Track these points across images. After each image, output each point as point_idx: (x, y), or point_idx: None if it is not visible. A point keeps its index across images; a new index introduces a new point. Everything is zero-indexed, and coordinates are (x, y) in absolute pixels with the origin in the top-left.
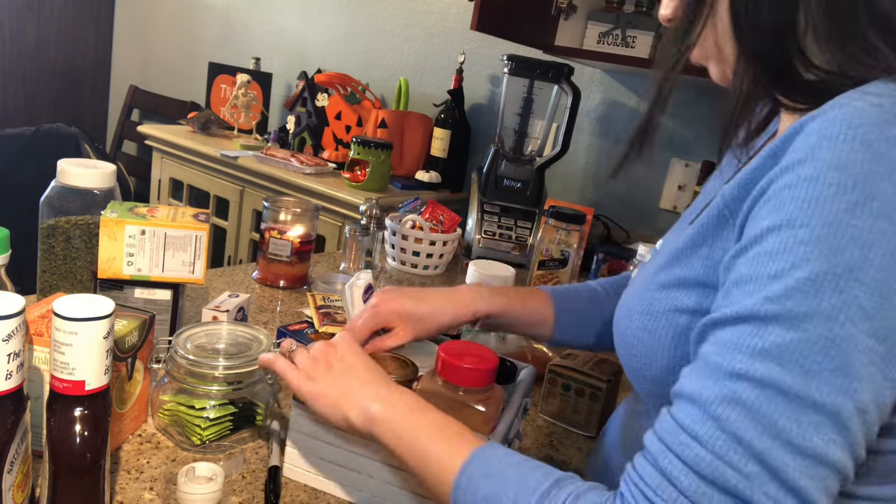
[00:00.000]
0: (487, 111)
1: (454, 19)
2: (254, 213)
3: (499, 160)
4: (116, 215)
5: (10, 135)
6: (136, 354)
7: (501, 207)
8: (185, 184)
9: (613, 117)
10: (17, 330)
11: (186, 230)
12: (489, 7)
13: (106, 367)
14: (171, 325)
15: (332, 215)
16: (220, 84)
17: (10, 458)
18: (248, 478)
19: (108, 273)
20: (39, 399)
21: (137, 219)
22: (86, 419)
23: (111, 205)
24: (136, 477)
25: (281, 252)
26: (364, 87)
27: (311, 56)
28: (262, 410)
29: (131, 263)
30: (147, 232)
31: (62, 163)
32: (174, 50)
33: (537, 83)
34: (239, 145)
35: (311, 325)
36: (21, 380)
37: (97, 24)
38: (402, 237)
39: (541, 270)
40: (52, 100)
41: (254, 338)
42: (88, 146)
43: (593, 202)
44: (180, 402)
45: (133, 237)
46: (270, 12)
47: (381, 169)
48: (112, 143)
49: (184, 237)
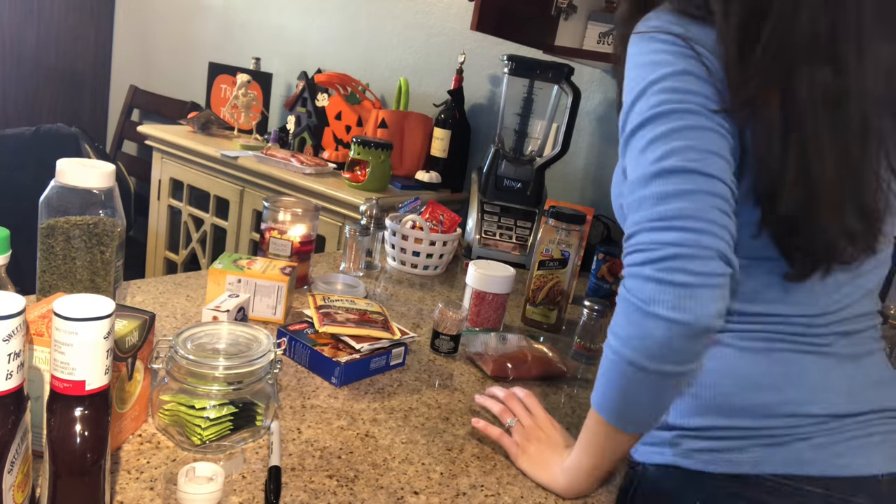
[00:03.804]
0: (487, 111)
1: (454, 19)
2: (254, 213)
3: (499, 160)
4: (222, 266)
5: (10, 135)
6: (136, 354)
7: (501, 207)
8: (185, 184)
9: (613, 117)
10: (17, 330)
11: (272, 281)
12: (489, 7)
13: (106, 367)
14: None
15: (332, 215)
16: (220, 84)
17: (10, 458)
18: (248, 478)
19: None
20: (40, 399)
21: (237, 270)
22: (86, 419)
23: (221, 257)
24: (137, 477)
25: (281, 252)
26: (364, 87)
27: (311, 56)
28: (262, 410)
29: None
30: (242, 280)
31: (62, 163)
32: (174, 50)
33: (537, 83)
34: (239, 145)
35: (311, 325)
36: (21, 380)
37: (97, 24)
38: (402, 237)
39: (541, 270)
40: (52, 100)
41: (254, 338)
42: (88, 146)
43: (593, 202)
44: (180, 402)
45: (232, 284)
46: (270, 12)
47: (381, 169)
48: (112, 143)
49: (269, 286)
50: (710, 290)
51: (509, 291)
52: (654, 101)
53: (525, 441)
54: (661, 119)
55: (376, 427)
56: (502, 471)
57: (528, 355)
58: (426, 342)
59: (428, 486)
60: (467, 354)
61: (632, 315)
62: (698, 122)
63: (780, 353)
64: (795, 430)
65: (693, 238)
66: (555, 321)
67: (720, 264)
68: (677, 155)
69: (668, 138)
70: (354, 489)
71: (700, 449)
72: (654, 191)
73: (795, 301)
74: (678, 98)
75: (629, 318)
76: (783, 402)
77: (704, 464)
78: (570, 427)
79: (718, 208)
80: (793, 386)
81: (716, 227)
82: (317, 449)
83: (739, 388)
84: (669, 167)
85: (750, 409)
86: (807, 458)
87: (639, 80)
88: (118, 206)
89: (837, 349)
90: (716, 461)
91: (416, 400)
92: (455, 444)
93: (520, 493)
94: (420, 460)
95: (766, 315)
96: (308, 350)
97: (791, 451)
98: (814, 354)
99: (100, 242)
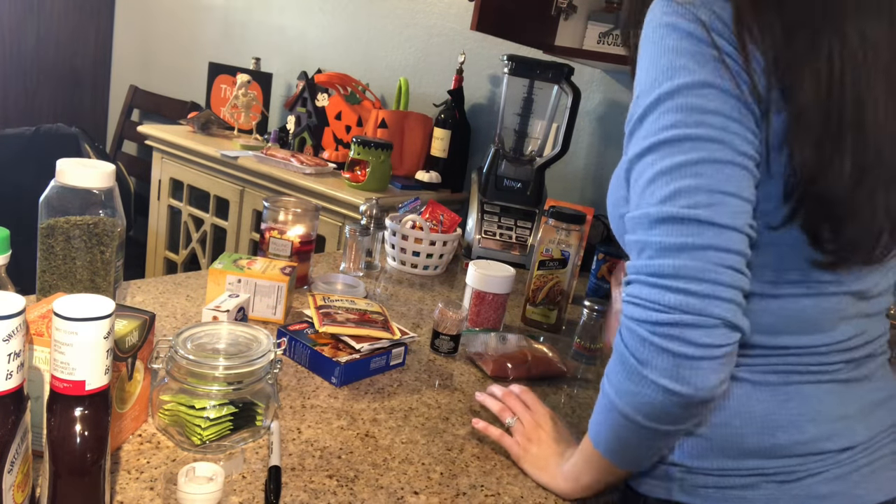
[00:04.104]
0: (487, 111)
1: (454, 19)
2: (254, 213)
3: (499, 160)
4: (222, 266)
5: (10, 135)
6: (136, 354)
7: (501, 207)
8: (185, 184)
9: (613, 117)
10: (17, 330)
11: (272, 281)
12: (489, 7)
13: (106, 367)
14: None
15: (332, 215)
16: (220, 84)
17: (10, 458)
18: (248, 478)
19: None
20: (39, 399)
21: (237, 270)
22: (86, 419)
23: (221, 257)
24: (137, 477)
25: (281, 252)
26: (364, 87)
27: (311, 56)
28: (262, 410)
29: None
30: (242, 280)
31: (61, 163)
32: (174, 50)
33: (537, 83)
34: (239, 145)
35: (311, 325)
36: (21, 380)
37: (97, 24)
38: (402, 237)
39: (541, 270)
40: (52, 100)
41: (254, 338)
42: (88, 146)
43: (593, 202)
44: (180, 402)
45: (232, 284)
46: (270, 12)
47: (381, 169)
48: (112, 143)
49: (269, 286)
50: (712, 363)
51: (509, 291)
52: (666, 122)
53: (526, 441)
54: (672, 147)
55: (376, 427)
56: (502, 471)
57: (528, 355)
58: (426, 342)
59: (428, 486)
60: (467, 354)
61: (627, 369)
62: (714, 154)
63: (797, 385)
64: (809, 467)
65: (696, 304)
66: (555, 321)
67: (725, 333)
68: (686, 198)
69: (677, 174)
70: (354, 489)
71: (707, 486)
72: (657, 239)
73: (815, 330)
74: (694, 121)
75: (625, 372)
76: (800, 442)
77: (715, 501)
78: (571, 427)
79: (727, 265)
80: (812, 422)
81: (721, 288)
82: (317, 449)
83: (753, 429)
84: (675, 214)
85: (764, 451)
86: (822, 492)
87: (653, 84)
88: (118, 206)
89: (848, 374)
90: (726, 498)
91: (416, 400)
92: (455, 444)
93: (520, 493)
94: (420, 460)
95: (787, 348)
96: (308, 350)
97: (804, 486)
98: (829, 383)
99: (100, 242)
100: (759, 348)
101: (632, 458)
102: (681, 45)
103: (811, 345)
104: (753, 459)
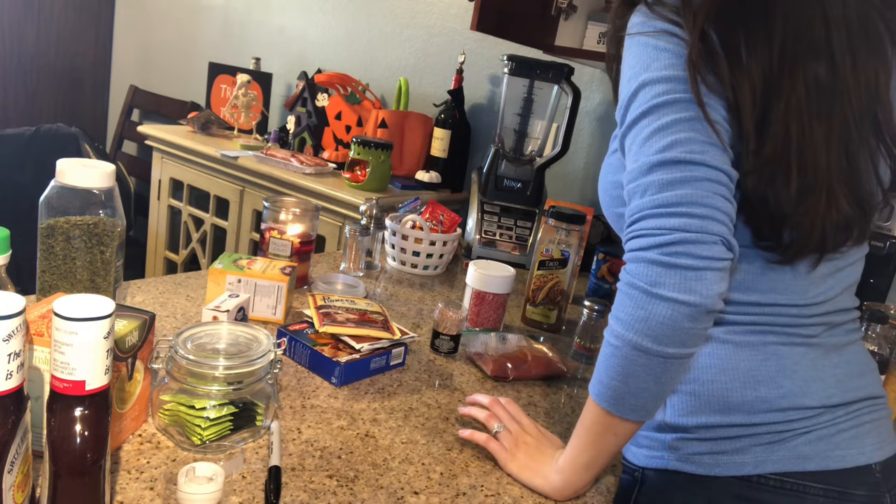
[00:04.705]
0: (487, 111)
1: (454, 19)
2: (254, 213)
3: (499, 160)
4: (222, 266)
5: (10, 135)
6: (136, 354)
7: (501, 207)
8: (185, 184)
9: (613, 117)
10: (17, 330)
11: (272, 281)
12: (489, 7)
13: (106, 367)
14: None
15: (332, 215)
16: (220, 84)
17: (10, 458)
18: (248, 478)
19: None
20: (39, 399)
21: (237, 270)
22: (86, 419)
23: (221, 257)
24: (137, 477)
25: (281, 252)
26: (364, 87)
27: (311, 56)
28: (262, 410)
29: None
30: (242, 280)
31: (61, 163)
32: (174, 50)
33: (537, 83)
34: (239, 145)
35: (311, 325)
36: (21, 380)
37: (97, 24)
38: (402, 237)
39: (541, 270)
40: (52, 100)
41: (254, 338)
42: (88, 146)
43: (593, 202)
44: (180, 402)
45: (232, 284)
46: (270, 12)
47: (381, 169)
48: (112, 143)
49: (269, 286)
50: (714, 273)
51: (509, 291)
52: (657, 91)
53: (514, 446)
54: (663, 109)
55: (376, 427)
56: (502, 471)
57: (528, 355)
58: (426, 342)
59: (428, 486)
60: (467, 354)
61: (636, 298)
62: (700, 113)
63: (774, 346)
64: (792, 425)
65: (697, 223)
66: (555, 321)
67: (723, 249)
68: (680, 146)
69: (670, 129)
70: (354, 489)
71: (702, 452)
72: (658, 178)
73: (785, 290)
74: (682, 88)
75: (633, 301)
76: (780, 396)
77: (709, 468)
78: (571, 427)
79: (721, 195)
80: (788, 378)
81: (718, 212)
82: (317, 449)
83: (737, 383)
84: (673, 158)
85: (748, 404)
86: (805, 453)
87: (640, 72)
88: (118, 206)
89: (823, 340)
90: (720, 464)
91: (416, 400)
92: (455, 444)
93: (520, 493)
94: (420, 460)
95: (760, 305)
96: (308, 350)
97: (790, 447)
98: (803, 346)
99: (100, 242)
100: (734, 304)
101: (639, 402)
102: (664, 45)
103: (782, 303)
104: (739, 414)
